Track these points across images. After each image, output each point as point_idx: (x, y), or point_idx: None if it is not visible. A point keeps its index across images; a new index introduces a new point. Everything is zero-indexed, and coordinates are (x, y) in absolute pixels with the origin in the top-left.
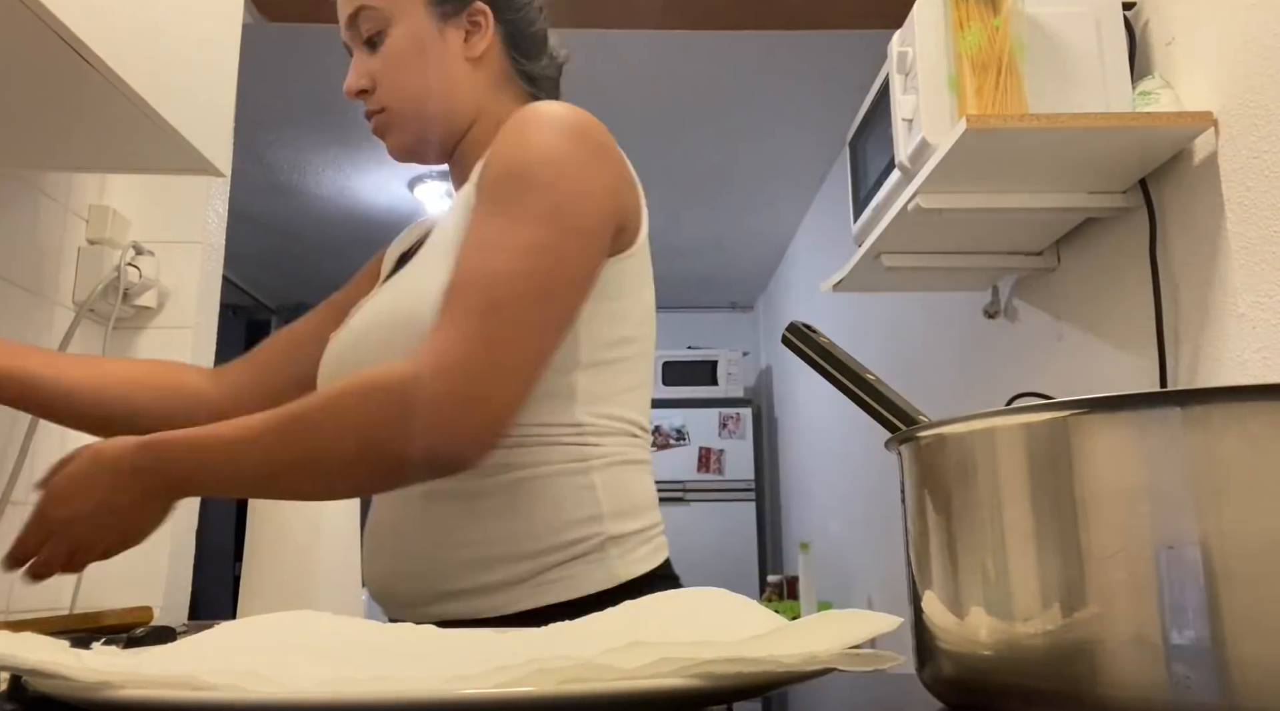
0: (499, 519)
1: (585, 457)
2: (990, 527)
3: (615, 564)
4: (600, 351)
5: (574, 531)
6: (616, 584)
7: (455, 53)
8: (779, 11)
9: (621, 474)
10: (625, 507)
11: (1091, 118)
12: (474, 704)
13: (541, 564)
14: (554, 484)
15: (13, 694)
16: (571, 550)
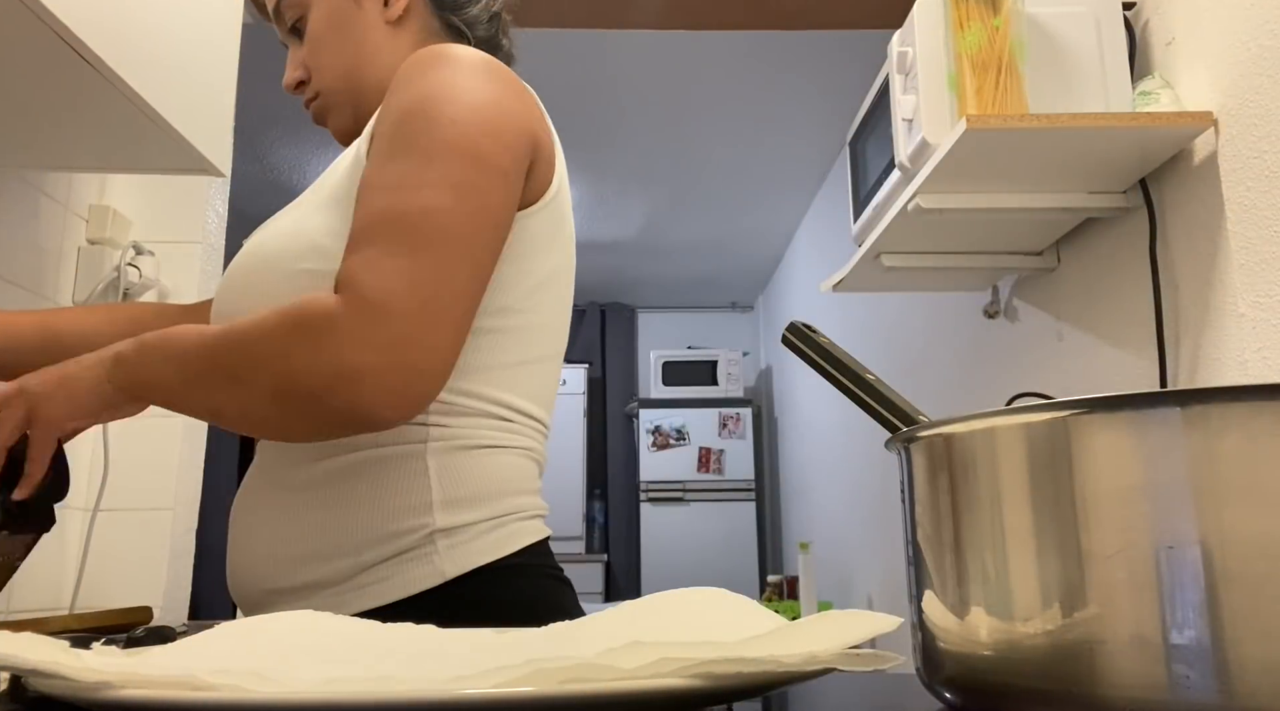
0: (324, 509)
1: (423, 438)
2: (990, 527)
3: (442, 559)
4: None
5: (397, 522)
6: (444, 581)
7: (374, 19)
8: (779, 11)
9: (466, 458)
10: (462, 495)
11: (1091, 118)
12: (474, 704)
13: (361, 562)
14: (383, 468)
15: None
16: (394, 544)
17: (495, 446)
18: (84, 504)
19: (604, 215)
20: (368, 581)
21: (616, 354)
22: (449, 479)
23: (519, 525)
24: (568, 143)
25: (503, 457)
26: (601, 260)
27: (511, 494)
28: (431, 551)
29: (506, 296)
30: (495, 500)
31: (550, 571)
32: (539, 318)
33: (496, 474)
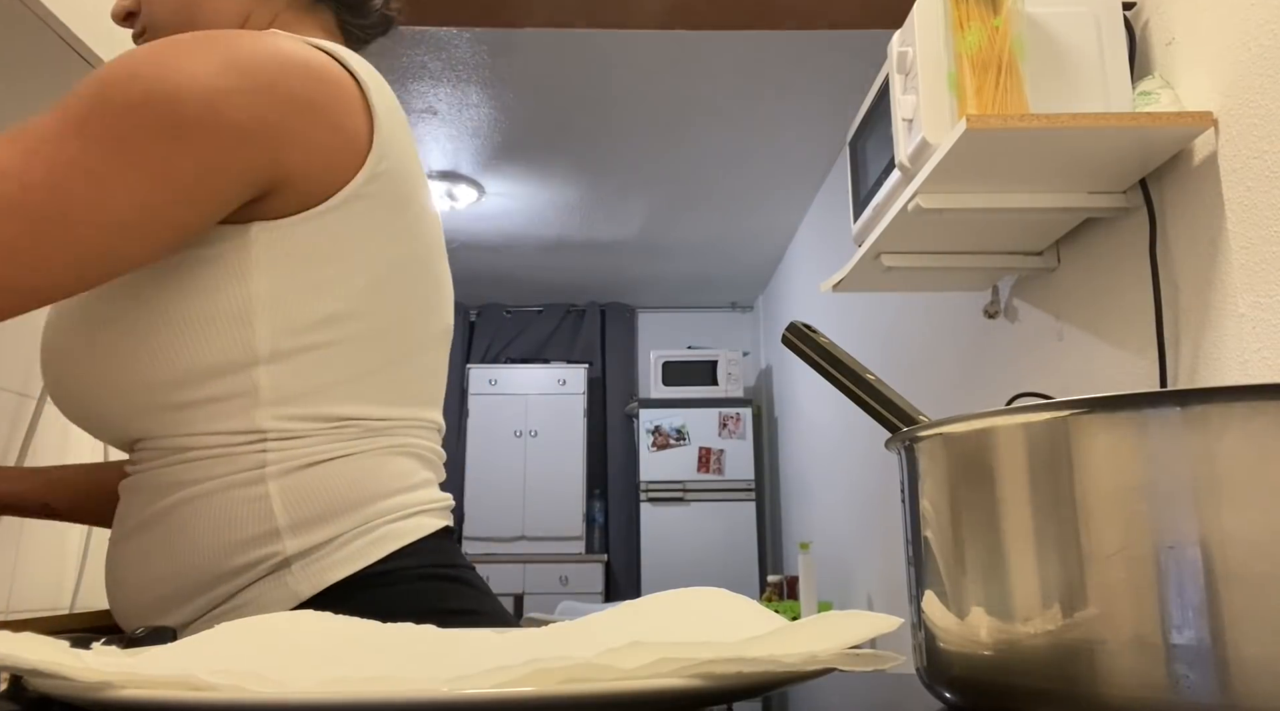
0: (167, 551)
1: (261, 464)
2: (990, 527)
3: (296, 580)
4: (291, 337)
5: (245, 554)
6: (299, 602)
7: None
8: (779, 11)
9: (311, 476)
10: (312, 514)
11: (1091, 118)
12: (474, 704)
13: (214, 597)
14: (221, 501)
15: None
16: (246, 576)
17: (346, 455)
18: None
19: (604, 215)
20: (226, 611)
21: (616, 354)
22: (293, 499)
23: (388, 528)
24: (568, 143)
25: (357, 464)
26: (601, 260)
27: (375, 499)
28: (285, 574)
29: (330, 303)
30: (353, 510)
31: (434, 571)
32: (389, 316)
33: (351, 483)
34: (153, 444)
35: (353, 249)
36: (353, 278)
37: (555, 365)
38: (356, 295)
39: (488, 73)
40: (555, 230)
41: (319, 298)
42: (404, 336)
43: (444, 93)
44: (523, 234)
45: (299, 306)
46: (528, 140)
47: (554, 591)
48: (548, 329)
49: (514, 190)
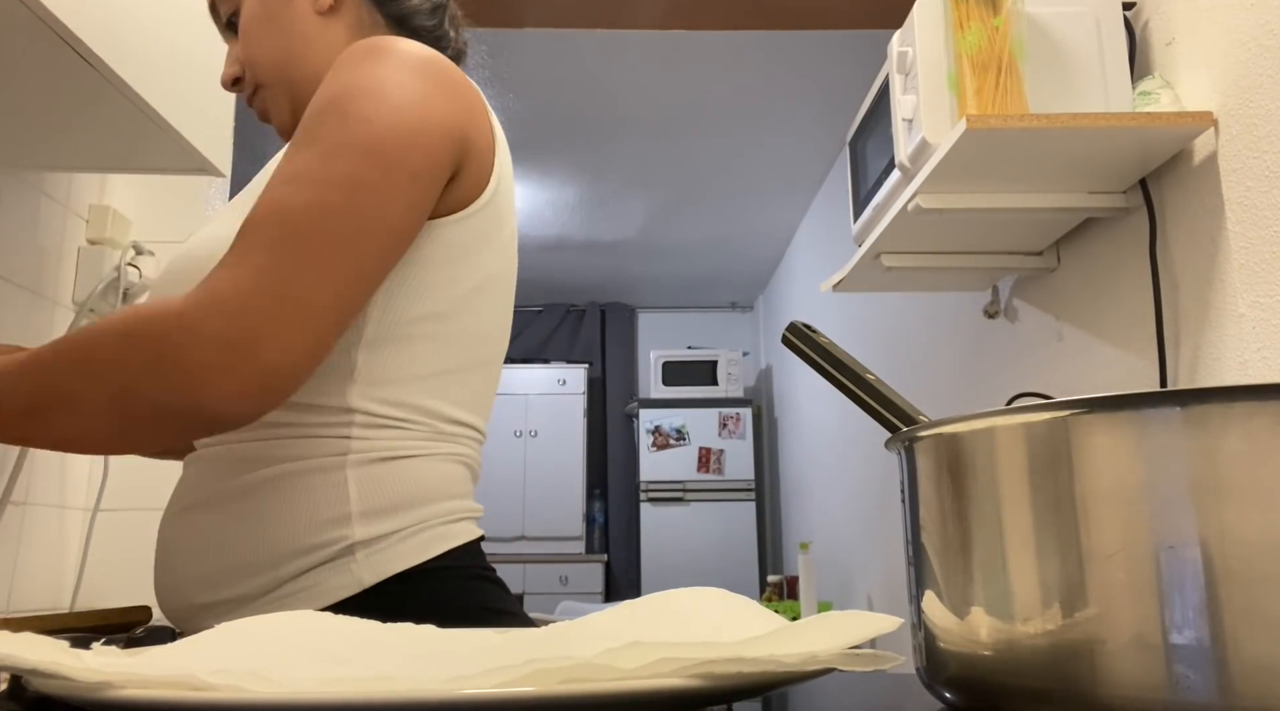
0: (244, 524)
1: (344, 450)
2: (990, 527)
3: (360, 568)
4: (394, 327)
5: (317, 535)
6: (361, 589)
7: (304, 9)
8: (779, 11)
9: (387, 469)
10: (382, 505)
11: (1091, 118)
12: (474, 704)
13: (279, 575)
14: (303, 482)
15: (13, 694)
16: (312, 557)
17: (419, 455)
18: (84, 504)
19: (604, 215)
20: (287, 592)
21: (616, 354)
22: (368, 490)
23: (443, 529)
24: (568, 143)
25: (427, 465)
26: (601, 260)
27: (436, 500)
28: (349, 561)
29: (437, 303)
30: (417, 507)
31: (478, 572)
32: (474, 324)
33: (419, 482)
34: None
35: (462, 257)
36: (457, 283)
37: (555, 365)
38: (458, 299)
39: (487, 73)
40: (555, 230)
41: (427, 295)
42: (480, 346)
43: None
44: (522, 234)
45: (409, 301)
46: (527, 140)
47: (554, 591)
48: (548, 329)
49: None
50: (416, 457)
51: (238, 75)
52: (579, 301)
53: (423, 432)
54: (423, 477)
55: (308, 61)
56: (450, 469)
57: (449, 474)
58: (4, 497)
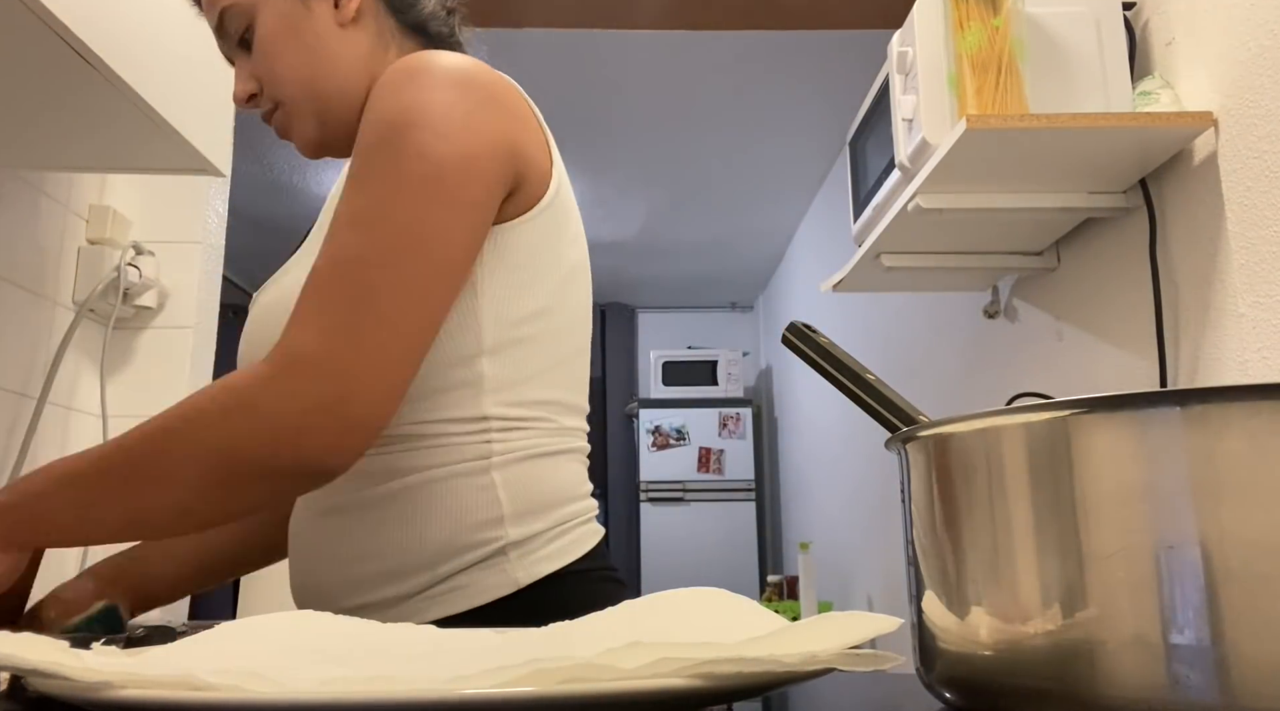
0: (392, 530)
1: (487, 454)
2: (990, 527)
3: (514, 568)
4: (508, 330)
5: (472, 537)
6: (516, 589)
7: (326, 22)
8: (779, 11)
9: (528, 469)
10: (529, 506)
11: (1091, 118)
12: (474, 704)
13: (436, 575)
14: (450, 487)
15: (13, 694)
16: (468, 556)
17: (553, 453)
18: None
19: (604, 215)
20: (443, 590)
21: (616, 354)
22: (516, 492)
23: (581, 530)
24: (568, 143)
25: (560, 463)
26: (601, 260)
27: (571, 499)
28: (503, 561)
29: (539, 299)
30: (558, 507)
31: (608, 573)
32: (569, 313)
33: (556, 481)
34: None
35: (548, 250)
36: (549, 276)
37: None
38: (551, 292)
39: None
40: None
41: (529, 294)
42: (579, 332)
43: None
44: None
45: (514, 302)
46: None
47: None
48: None
49: None
50: (551, 456)
51: (253, 92)
52: None
53: (550, 428)
54: (559, 477)
55: (335, 75)
56: (575, 467)
57: (576, 473)
58: None
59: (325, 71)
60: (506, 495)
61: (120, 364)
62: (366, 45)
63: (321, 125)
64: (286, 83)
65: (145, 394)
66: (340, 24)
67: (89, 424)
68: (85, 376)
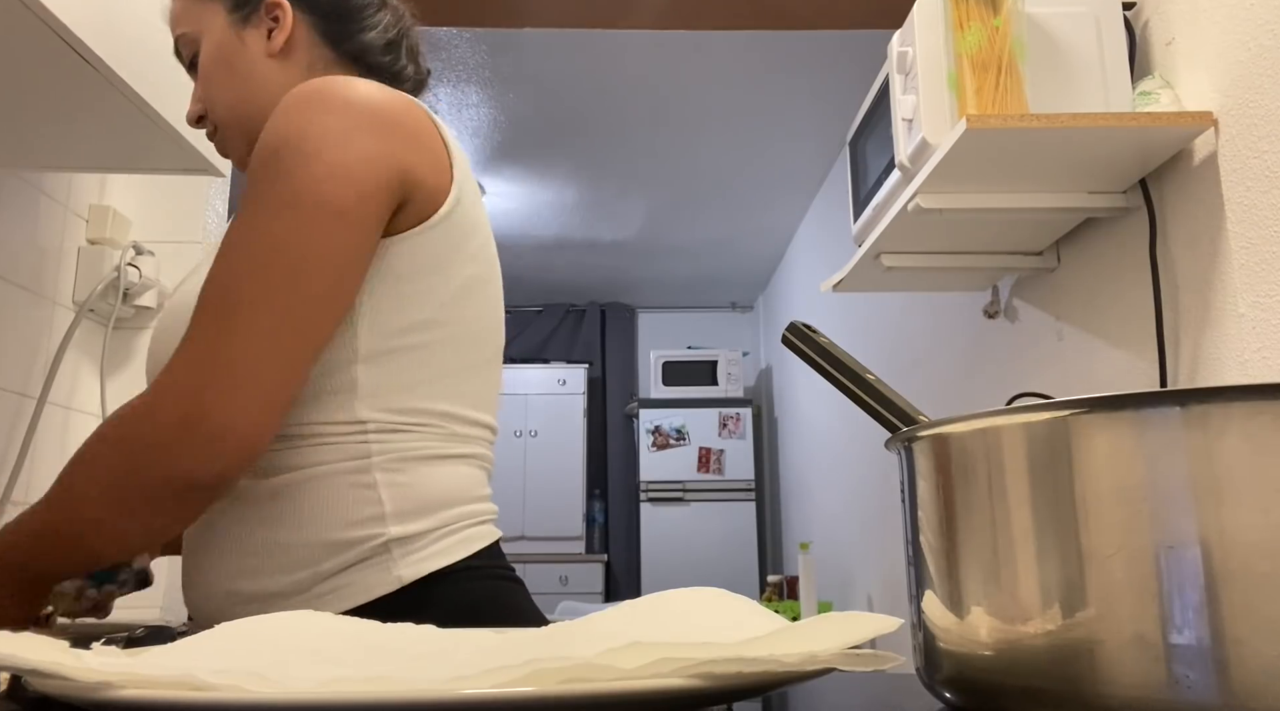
0: (275, 524)
1: (366, 454)
2: (990, 527)
3: (398, 565)
4: (386, 340)
5: (353, 533)
6: (400, 586)
7: (257, 53)
8: (779, 11)
9: (412, 471)
10: (414, 506)
11: (1091, 118)
12: (474, 704)
13: (320, 571)
14: (331, 484)
15: (13, 694)
16: (350, 553)
17: (441, 456)
18: None
19: (604, 215)
20: (325, 590)
21: (616, 354)
22: (398, 491)
23: (471, 531)
24: (568, 143)
25: (449, 467)
26: (601, 260)
27: (461, 502)
28: (386, 558)
29: (421, 311)
30: (446, 508)
31: (501, 572)
32: (464, 327)
33: (444, 484)
34: None
35: (440, 265)
36: (438, 291)
37: (555, 365)
38: (441, 305)
39: (487, 73)
40: (555, 230)
41: (411, 306)
42: (475, 346)
43: (443, 93)
44: (522, 234)
45: (394, 314)
46: (527, 140)
47: (554, 591)
48: (548, 329)
49: (514, 190)
50: (437, 459)
51: (201, 114)
52: (579, 301)
53: (438, 433)
54: (447, 480)
55: (261, 104)
56: (469, 472)
57: (469, 477)
58: (4, 497)
59: (252, 98)
60: (388, 494)
61: (120, 364)
62: (297, 74)
63: (250, 147)
64: (220, 107)
65: None
66: (269, 54)
67: (89, 424)
68: (85, 376)
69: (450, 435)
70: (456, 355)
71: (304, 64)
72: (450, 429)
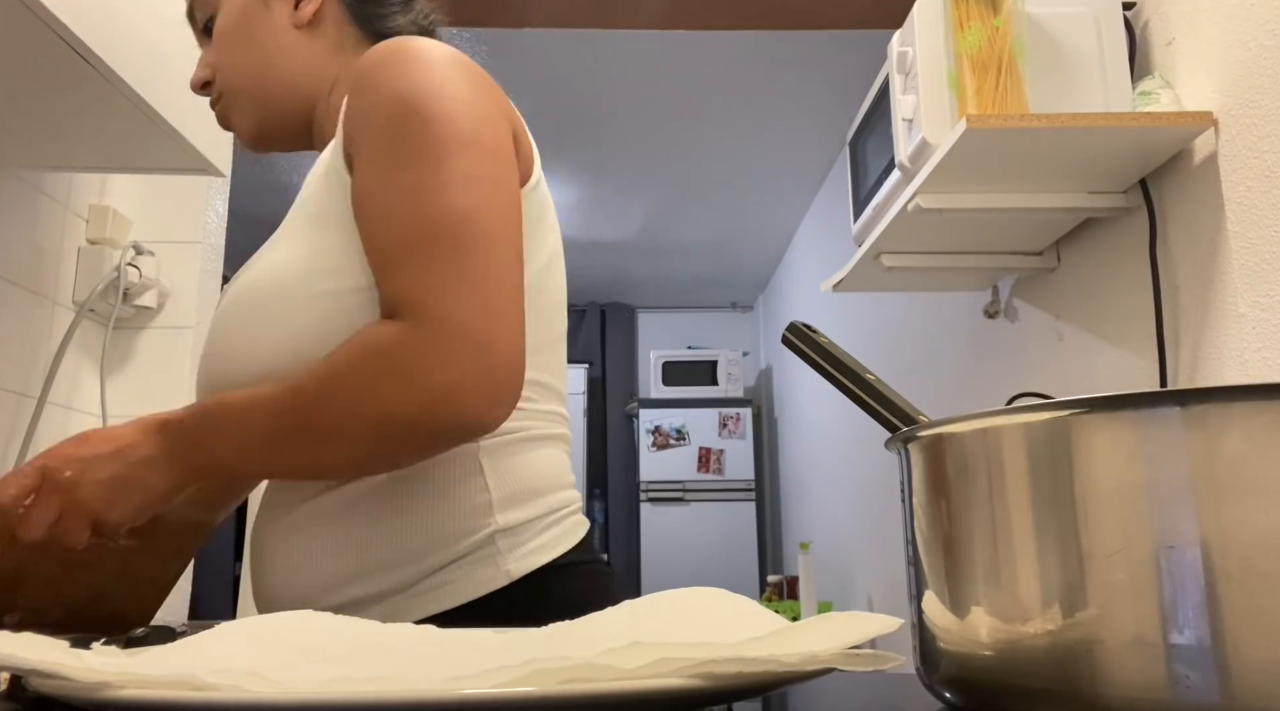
0: (379, 522)
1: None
2: (990, 527)
3: (505, 559)
4: None
5: (459, 524)
6: (509, 582)
7: (283, 23)
8: (779, 11)
9: (515, 455)
10: (516, 492)
11: (1091, 118)
12: (474, 704)
13: (424, 567)
14: (438, 472)
15: (12, 694)
16: (457, 547)
17: (540, 438)
18: None
19: (604, 215)
20: (431, 586)
21: (616, 354)
22: (503, 477)
23: (570, 520)
24: (568, 143)
25: (547, 450)
26: (601, 260)
27: (558, 488)
28: (494, 552)
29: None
30: (546, 495)
31: (598, 565)
32: (549, 297)
33: (544, 468)
34: None
35: (535, 231)
36: (535, 257)
37: None
38: (536, 273)
39: (488, 73)
40: None
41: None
42: (556, 319)
43: None
44: None
45: None
46: None
47: None
48: None
49: None
50: (539, 440)
51: (207, 79)
52: (579, 301)
53: (534, 412)
54: (546, 464)
55: (284, 75)
56: (560, 456)
57: (561, 461)
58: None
59: (271, 67)
60: (494, 480)
61: (120, 364)
62: (322, 50)
63: (261, 120)
64: (235, 76)
65: (145, 394)
66: (296, 25)
67: (89, 424)
68: (85, 376)
69: (543, 413)
70: (548, 326)
71: (331, 39)
72: (543, 405)
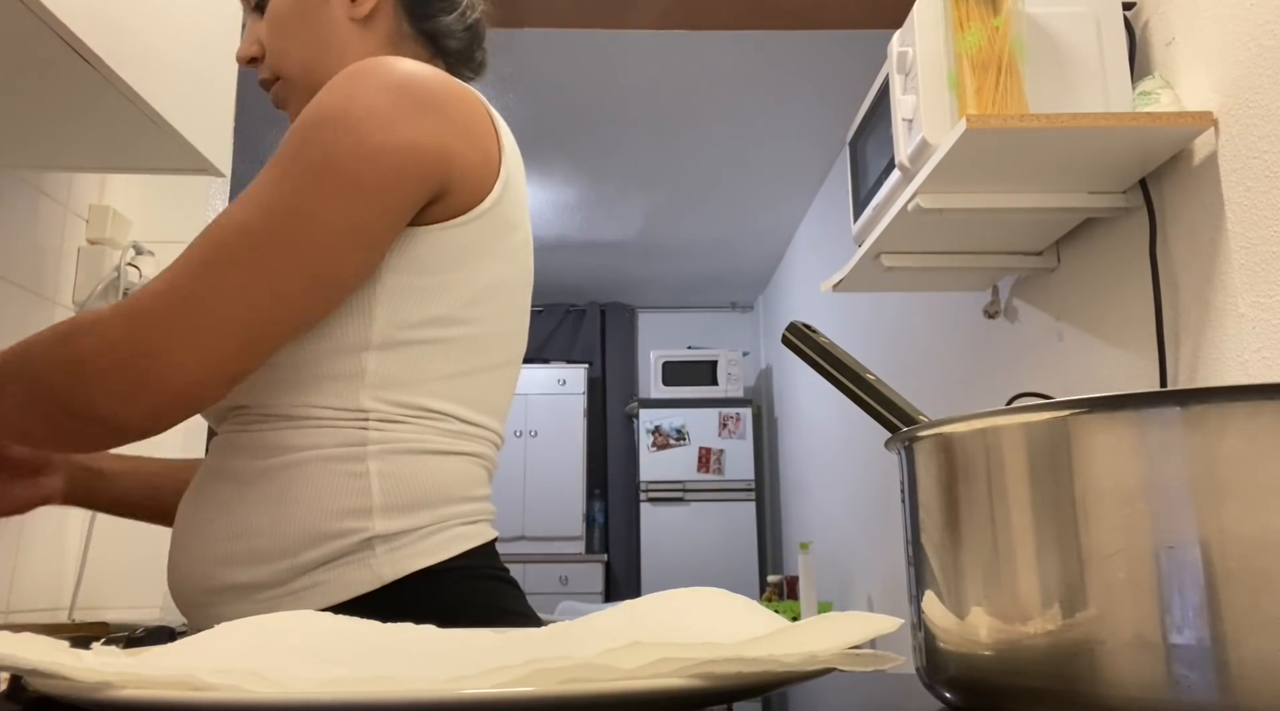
0: (264, 508)
1: (363, 441)
2: (990, 527)
3: (380, 563)
4: (401, 331)
5: (336, 524)
6: (381, 585)
7: (339, 14)
8: (779, 11)
9: (410, 463)
10: (405, 501)
11: (1091, 118)
12: (474, 704)
13: (297, 564)
14: (322, 469)
15: (13, 694)
16: (330, 547)
17: (441, 452)
18: None
19: (604, 215)
20: (303, 585)
21: (616, 354)
22: (391, 484)
23: (462, 529)
24: (568, 143)
25: (449, 463)
26: (601, 260)
27: (456, 500)
28: (369, 555)
29: (442, 306)
30: (439, 506)
31: (493, 572)
32: (485, 327)
33: (441, 479)
34: (257, 410)
35: (463, 262)
36: (462, 288)
37: (555, 365)
38: (464, 303)
39: (488, 73)
40: (555, 230)
41: (433, 300)
42: (492, 350)
43: None
44: None
45: (414, 306)
46: (528, 140)
47: (554, 591)
48: (548, 329)
49: None
50: (438, 454)
51: (256, 55)
52: (579, 301)
53: (443, 429)
54: (444, 475)
55: (337, 65)
56: (469, 468)
57: (468, 474)
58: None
59: (328, 60)
60: (380, 486)
61: None
62: (375, 43)
63: None
64: (293, 62)
65: None
66: (353, 18)
67: None
68: None
69: (455, 431)
70: (470, 356)
71: (384, 33)
72: (454, 426)
